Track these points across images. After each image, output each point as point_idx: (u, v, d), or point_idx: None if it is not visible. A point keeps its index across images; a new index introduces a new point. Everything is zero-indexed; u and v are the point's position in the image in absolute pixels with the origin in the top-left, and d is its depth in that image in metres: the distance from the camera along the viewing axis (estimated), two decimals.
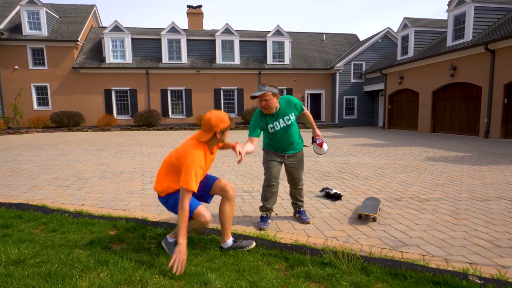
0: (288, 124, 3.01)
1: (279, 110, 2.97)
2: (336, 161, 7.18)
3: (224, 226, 2.54)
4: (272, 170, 3.09)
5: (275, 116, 2.98)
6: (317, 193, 4.32)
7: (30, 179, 5.25)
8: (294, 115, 3.03)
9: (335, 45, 23.94)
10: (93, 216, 3.16)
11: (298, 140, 3.16)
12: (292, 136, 3.08)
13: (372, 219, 3.31)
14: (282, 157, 3.15)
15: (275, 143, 3.10)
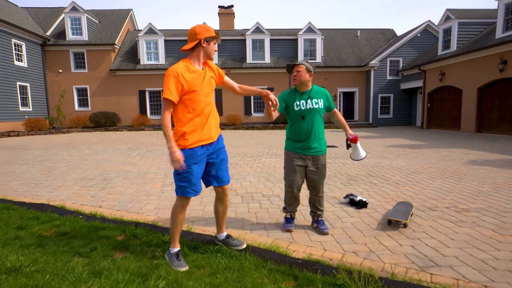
0: (315, 108, 2.89)
1: (311, 91, 2.91)
2: (366, 163, 6.75)
3: (217, 222, 2.62)
4: (293, 177, 2.93)
5: (304, 95, 2.91)
6: (341, 199, 4.01)
7: (60, 178, 5.45)
8: (323, 103, 2.92)
9: (370, 41, 22.92)
10: (105, 219, 3.13)
11: (322, 136, 2.97)
12: (317, 127, 2.92)
13: (402, 225, 3.09)
14: (304, 160, 2.94)
15: (297, 130, 2.93)
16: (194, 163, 2.28)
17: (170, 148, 2.16)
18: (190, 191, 2.30)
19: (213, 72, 2.43)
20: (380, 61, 19.94)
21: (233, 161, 7.31)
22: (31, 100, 18.32)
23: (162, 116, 2.18)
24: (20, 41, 17.49)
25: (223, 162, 2.49)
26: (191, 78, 2.21)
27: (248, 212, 3.55)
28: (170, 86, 2.15)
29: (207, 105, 2.34)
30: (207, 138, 2.34)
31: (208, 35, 2.25)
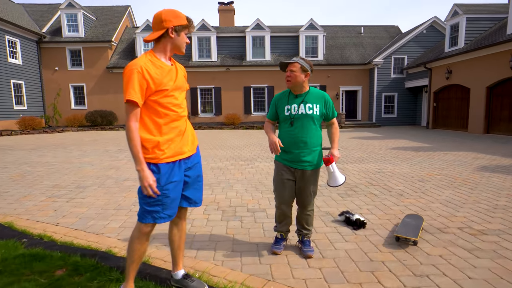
0: (308, 114, 2.38)
1: (306, 95, 2.44)
2: (367, 169, 6.21)
3: (172, 254, 2.08)
4: (282, 192, 2.50)
5: (298, 99, 2.40)
6: (336, 216, 3.49)
7: (29, 186, 4.97)
8: (319, 110, 2.40)
9: (373, 38, 22.25)
10: (51, 245, 2.63)
11: (316, 147, 2.45)
12: (309, 137, 2.40)
13: (412, 243, 2.74)
14: (293, 174, 2.48)
15: (286, 139, 2.43)
16: (171, 181, 1.79)
17: (140, 171, 1.68)
18: (164, 216, 1.81)
19: (182, 72, 1.94)
20: (384, 59, 19.29)
21: (224, 165, 6.80)
22: (26, 98, 17.93)
23: (127, 126, 1.68)
24: (15, 38, 17.09)
25: (199, 179, 2.01)
26: (158, 75, 1.72)
27: (226, 233, 3.04)
28: (133, 84, 1.65)
29: (183, 108, 1.87)
30: (186, 151, 1.87)
31: (177, 23, 1.75)
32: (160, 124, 1.76)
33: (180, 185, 1.85)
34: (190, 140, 1.92)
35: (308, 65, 2.40)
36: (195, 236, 2.94)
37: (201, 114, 20.14)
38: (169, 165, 1.79)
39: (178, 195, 1.85)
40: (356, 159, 7.40)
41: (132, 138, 1.68)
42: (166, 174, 1.77)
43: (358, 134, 14.46)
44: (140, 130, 1.74)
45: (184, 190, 1.92)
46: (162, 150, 1.76)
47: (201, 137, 13.43)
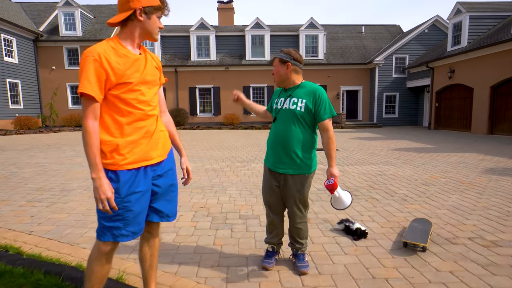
0: (291, 110, 2.10)
1: (296, 89, 2.17)
2: (368, 171, 5.93)
3: (143, 274, 1.82)
4: (268, 197, 2.27)
5: (287, 93, 2.22)
6: (335, 224, 3.21)
7: (11, 190, 4.71)
8: (304, 105, 2.07)
9: (374, 38, 21.97)
10: (14, 259, 2.36)
11: (303, 149, 2.13)
12: (293, 137, 2.10)
13: (420, 249, 2.60)
14: (277, 180, 2.21)
15: (269, 137, 2.25)
16: (134, 192, 1.51)
17: (96, 180, 1.40)
18: (126, 234, 1.53)
19: (155, 63, 1.66)
20: (385, 58, 19.01)
21: (219, 167, 6.53)
22: (22, 97, 17.69)
23: (83, 125, 1.41)
24: (11, 37, 16.84)
25: (172, 188, 1.72)
26: (121, 64, 1.44)
27: (213, 244, 2.76)
28: (88, 75, 1.37)
29: (153, 106, 1.57)
30: (154, 157, 1.58)
31: (147, 3, 1.47)
32: (121, 123, 1.48)
33: (146, 196, 1.57)
34: (160, 143, 1.63)
35: (286, 54, 2.13)
36: (179, 248, 2.67)
37: (200, 114, 19.88)
38: (131, 172, 1.51)
39: (144, 208, 1.58)
40: (357, 161, 7.12)
41: (88, 141, 1.40)
42: (128, 183, 1.49)
43: (359, 134, 14.18)
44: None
45: (153, 202, 1.65)
46: (122, 155, 1.48)
47: (199, 137, 13.16)
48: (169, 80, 19.46)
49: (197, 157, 7.93)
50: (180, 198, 4.23)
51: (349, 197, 2.20)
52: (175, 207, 1.75)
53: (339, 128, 17.94)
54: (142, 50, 1.59)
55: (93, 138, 1.40)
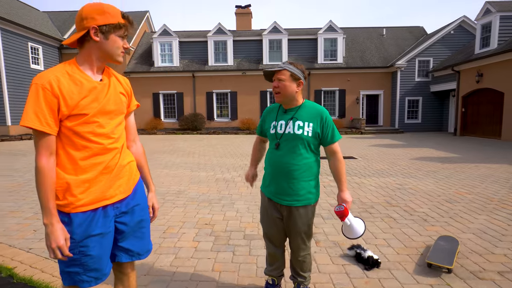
0: (297, 135, 1.86)
1: (298, 109, 1.92)
2: (386, 184, 5.59)
3: None
4: (268, 229, 2.05)
5: (288, 114, 1.94)
6: (345, 249, 2.96)
7: (23, 199, 4.74)
8: (311, 130, 1.86)
9: (396, 40, 21.27)
10: (4, 283, 2.28)
11: (309, 178, 1.91)
12: (299, 165, 1.87)
13: (446, 271, 2.48)
14: (279, 211, 1.99)
15: (269, 164, 1.97)
16: (90, 235, 1.36)
17: (47, 225, 1.26)
18: (87, 280, 1.38)
19: (122, 88, 1.50)
20: (407, 61, 18.32)
21: (231, 176, 6.38)
22: None
23: (36, 162, 1.27)
24: (37, 45, 17.53)
25: (142, 225, 1.55)
26: (75, 93, 1.29)
27: (212, 269, 2.59)
28: (37, 106, 1.22)
29: (114, 138, 1.41)
30: (115, 194, 1.43)
31: (103, 22, 1.31)
32: (75, 158, 1.32)
33: (107, 239, 1.41)
34: (124, 178, 1.47)
35: (299, 71, 1.90)
36: (175, 274, 2.51)
37: (217, 119, 19.90)
38: (86, 214, 1.35)
39: (106, 251, 1.42)
40: (375, 172, 6.77)
41: (41, 181, 1.25)
42: (82, 226, 1.34)
43: (379, 141, 13.67)
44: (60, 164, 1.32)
45: (121, 241, 1.49)
46: (74, 196, 1.32)
47: (215, 143, 13.11)
48: (186, 85, 19.64)
49: (210, 165, 7.82)
50: (187, 212, 4.10)
51: (361, 226, 1.98)
52: (146, 244, 1.59)
53: (358, 133, 17.43)
54: (105, 75, 1.43)
55: (47, 177, 1.26)
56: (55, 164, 1.30)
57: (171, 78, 19.56)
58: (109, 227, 1.42)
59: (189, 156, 9.46)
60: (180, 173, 6.80)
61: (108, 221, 1.41)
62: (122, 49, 1.39)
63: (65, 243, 1.29)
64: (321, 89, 19.41)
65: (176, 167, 7.55)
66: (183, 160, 8.56)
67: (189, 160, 8.67)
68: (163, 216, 3.95)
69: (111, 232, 1.43)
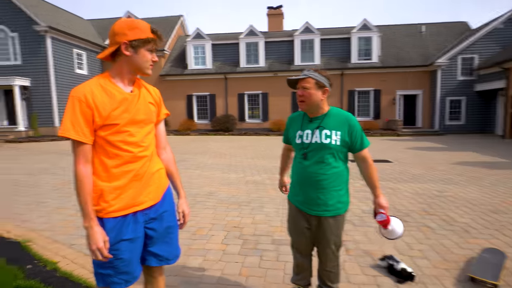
0: (325, 145, 1.81)
1: (324, 118, 1.86)
2: (423, 190, 5.31)
3: None
4: (296, 239, 2.02)
5: (314, 123, 1.88)
6: (376, 259, 2.85)
7: (67, 196, 5.08)
8: (339, 139, 1.81)
9: (437, 37, 20.17)
10: (47, 277, 2.45)
11: (338, 187, 1.87)
12: (327, 175, 1.82)
13: (491, 287, 2.30)
14: (308, 221, 1.95)
15: (297, 174, 1.93)
16: (121, 239, 1.44)
17: (88, 229, 1.36)
18: (118, 282, 1.46)
19: (152, 97, 1.57)
20: (449, 59, 17.29)
21: (261, 179, 6.40)
22: None
23: (74, 170, 1.37)
24: (81, 51, 18.76)
25: (170, 231, 1.61)
26: (107, 104, 1.37)
27: (239, 274, 2.61)
28: (74, 117, 1.32)
29: (144, 147, 1.48)
30: (145, 201, 1.49)
31: (133, 37, 1.38)
32: (108, 166, 1.41)
33: (137, 243, 1.49)
34: (153, 185, 1.53)
35: (325, 78, 1.85)
36: (202, 276, 2.57)
37: (248, 120, 20.06)
38: (117, 219, 1.43)
39: (135, 255, 1.49)
40: (411, 177, 6.46)
41: (80, 187, 1.35)
42: (114, 231, 1.42)
43: (417, 143, 13.02)
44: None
45: (150, 246, 1.55)
46: (107, 202, 1.40)
47: (245, 144, 13.22)
48: (219, 87, 20.01)
49: (240, 166, 7.89)
50: (216, 214, 4.17)
51: (400, 226, 1.94)
52: (175, 249, 1.64)
53: (394, 135, 16.73)
54: (136, 86, 1.50)
55: (85, 183, 1.35)
56: (91, 171, 1.39)
57: (204, 80, 20.03)
58: (139, 232, 1.48)
59: (220, 157, 9.62)
60: (211, 174, 6.94)
61: (138, 226, 1.48)
62: (151, 62, 1.46)
63: (104, 245, 1.37)
64: (354, 90, 18.89)
65: (208, 168, 7.71)
66: (215, 161, 8.72)
67: (220, 161, 8.82)
68: (194, 217, 4.05)
69: (140, 237, 1.50)
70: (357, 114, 19.01)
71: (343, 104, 18.98)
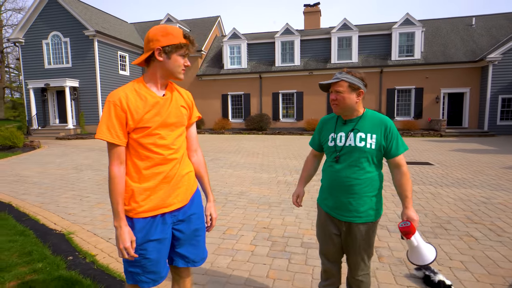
0: (359, 148, 1.74)
1: (359, 120, 1.79)
2: (468, 196, 4.93)
3: None
4: (325, 245, 1.95)
5: (347, 125, 1.81)
6: (412, 269, 2.70)
7: (107, 192, 5.40)
8: (375, 142, 1.74)
9: (489, 30, 18.63)
10: (87, 268, 2.62)
11: (371, 193, 1.79)
12: (360, 179, 1.76)
13: None
14: (338, 227, 1.89)
15: (328, 178, 1.87)
16: (149, 240, 1.49)
17: (117, 229, 1.43)
18: (146, 280, 1.53)
19: (184, 101, 1.60)
20: (503, 54, 15.90)
21: (293, 179, 6.34)
22: None
23: (109, 171, 1.45)
24: (124, 53, 19.81)
25: (197, 233, 1.65)
26: (140, 108, 1.44)
27: (266, 276, 2.60)
28: (109, 121, 1.40)
29: (174, 149, 1.53)
30: (173, 203, 1.54)
31: (167, 43, 1.43)
32: (140, 168, 1.47)
33: (165, 244, 1.53)
34: (182, 188, 1.56)
35: (359, 79, 1.76)
36: (230, 276, 2.59)
37: (282, 119, 19.96)
38: (146, 220, 1.48)
39: (163, 255, 1.54)
40: (455, 181, 6.03)
41: (112, 187, 1.42)
42: (143, 231, 1.47)
43: (462, 145, 12.14)
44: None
45: (177, 247, 1.60)
46: (137, 202, 1.46)
47: (279, 144, 13.18)
48: (253, 86, 20.12)
49: (273, 166, 7.88)
50: (246, 214, 4.20)
51: (432, 251, 1.73)
52: (202, 252, 1.67)
53: (437, 136, 15.75)
54: (168, 90, 1.55)
55: (117, 183, 1.42)
56: (125, 172, 1.46)
57: (239, 80, 20.25)
58: (167, 233, 1.53)
59: (253, 156, 9.67)
60: (243, 173, 7.00)
61: (166, 227, 1.53)
62: (183, 67, 1.49)
63: (131, 245, 1.43)
64: (394, 88, 18.05)
65: (240, 167, 7.79)
66: (247, 161, 8.79)
67: (253, 160, 8.87)
68: (224, 217, 4.10)
69: (168, 238, 1.54)
70: (397, 113, 18.15)
71: (382, 103, 18.22)
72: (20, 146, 11.83)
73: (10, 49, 32.58)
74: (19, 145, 11.80)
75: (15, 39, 18.25)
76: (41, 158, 9.56)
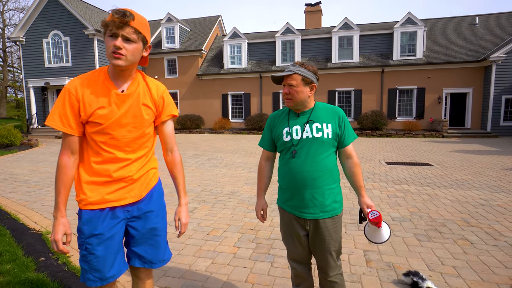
0: (317, 138, 1.67)
1: (312, 112, 1.74)
2: (467, 198, 4.76)
3: None
4: (292, 248, 1.83)
5: (301, 118, 1.73)
6: (400, 274, 2.55)
7: None
8: (331, 131, 1.68)
9: (492, 29, 18.37)
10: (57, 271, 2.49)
11: (332, 184, 1.71)
12: (321, 171, 1.67)
13: None
14: (303, 226, 1.76)
15: (287, 175, 1.74)
16: (93, 234, 1.38)
17: (54, 218, 1.36)
18: (93, 279, 1.41)
19: (150, 98, 1.44)
20: (506, 54, 15.64)
21: None
22: None
23: (58, 159, 1.37)
24: None
25: (156, 233, 1.52)
26: (94, 101, 1.32)
27: (245, 281, 2.46)
28: (62, 108, 1.31)
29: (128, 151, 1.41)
30: (125, 197, 1.42)
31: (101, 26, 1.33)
32: (90, 161, 1.39)
33: (111, 241, 1.42)
34: (137, 184, 1.45)
35: (312, 73, 1.68)
36: (207, 280, 2.46)
37: None
38: (93, 212, 1.39)
39: (110, 253, 1.42)
40: (453, 182, 5.86)
41: (56, 176, 1.35)
42: (90, 224, 1.38)
43: (464, 146, 11.93)
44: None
45: (133, 246, 1.50)
46: (85, 194, 1.38)
47: None
48: (253, 86, 20.00)
49: None
50: (234, 215, 4.07)
51: (387, 229, 1.77)
52: (162, 254, 1.54)
53: (439, 137, 15.52)
54: (134, 83, 1.41)
55: (63, 173, 1.34)
56: (76, 163, 1.37)
57: (239, 79, 20.12)
58: (116, 229, 1.43)
59: (250, 156, 9.54)
60: (238, 173, 6.86)
61: (115, 222, 1.42)
62: (113, 49, 1.27)
63: (63, 238, 1.37)
64: (396, 88, 17.84)
65: (235, 167, 7.66)
66: (244, 160, 8.65)
67: (249, 160, 8.73)
68: (211, 217, 3.97)
69: (117, 235, 1.43)
70: (398, 113, 17.94)
71: (383, 103, 18.01)
72: (17, 145, 11.79)
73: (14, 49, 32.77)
74: (17, 144, 11.76)
75: (16, 38, 18.27)
76: (36, 156, 9.49)
